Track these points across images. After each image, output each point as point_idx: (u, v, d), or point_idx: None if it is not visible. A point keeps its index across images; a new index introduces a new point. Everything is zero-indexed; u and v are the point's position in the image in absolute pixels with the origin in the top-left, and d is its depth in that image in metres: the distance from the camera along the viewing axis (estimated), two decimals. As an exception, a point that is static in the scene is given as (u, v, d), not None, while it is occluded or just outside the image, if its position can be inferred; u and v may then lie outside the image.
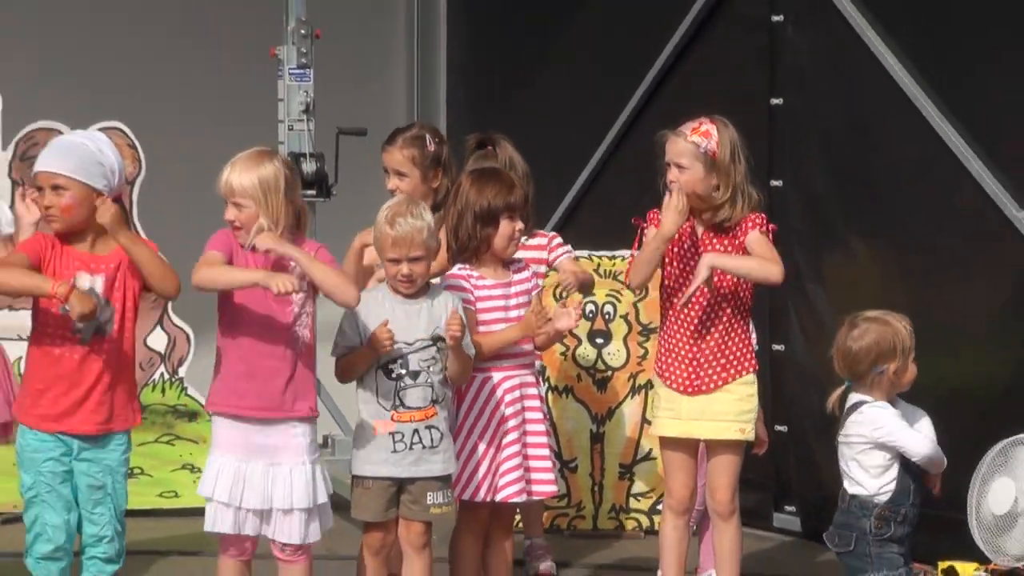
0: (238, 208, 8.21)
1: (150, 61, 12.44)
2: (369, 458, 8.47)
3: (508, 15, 13.07)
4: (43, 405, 8.25)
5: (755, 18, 11.49)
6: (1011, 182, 10.14)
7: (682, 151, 8.94)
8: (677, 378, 9.01)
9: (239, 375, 8.37)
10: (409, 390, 8.38)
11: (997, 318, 9.00)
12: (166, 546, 10.12)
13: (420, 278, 8.35)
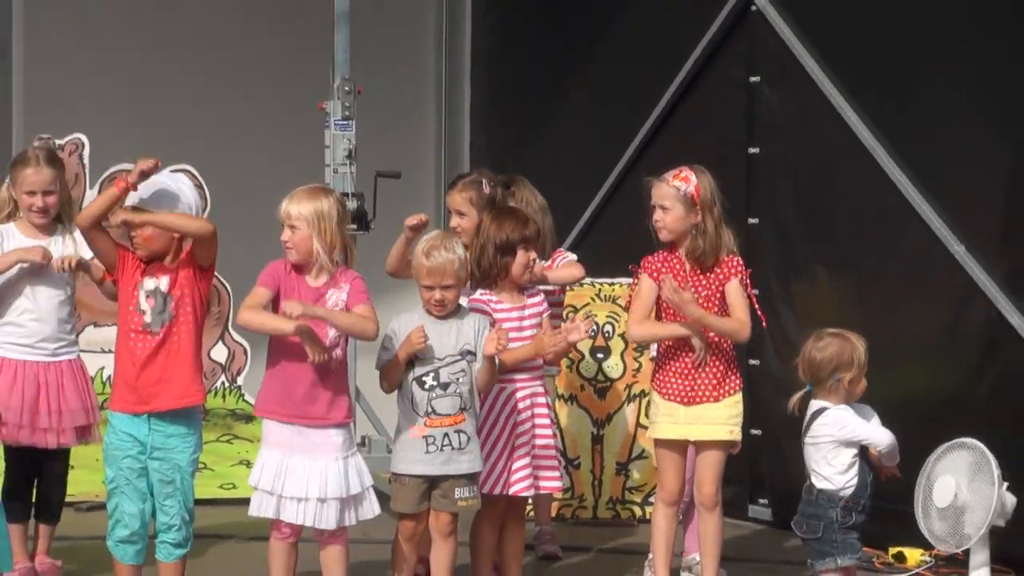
0: (292, 230, 8.34)
1: (216, 112, 12.51)
2: (405, 458, 8.57)
3: (523, 74, 13.10)
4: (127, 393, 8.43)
5: (736, 79, 11.54)
6: (953, 222, 10.19)
7: (665, 194, 9.04)
8: (676, 393, 9.08)
9: (283, 388, 8.52)
10: (440, 399, 8.46)
11: (940, 338, 9.03)
12: (226, 531, 10.25)
13: (451, 303, 8.50)
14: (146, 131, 11.71)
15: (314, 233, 8.32)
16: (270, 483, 8.44)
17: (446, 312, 8.59)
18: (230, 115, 12.51)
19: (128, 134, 11.54)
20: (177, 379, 8.34)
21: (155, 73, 12.63)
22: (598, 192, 12.03)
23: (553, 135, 12.50)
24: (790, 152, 11.28)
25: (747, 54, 11.62)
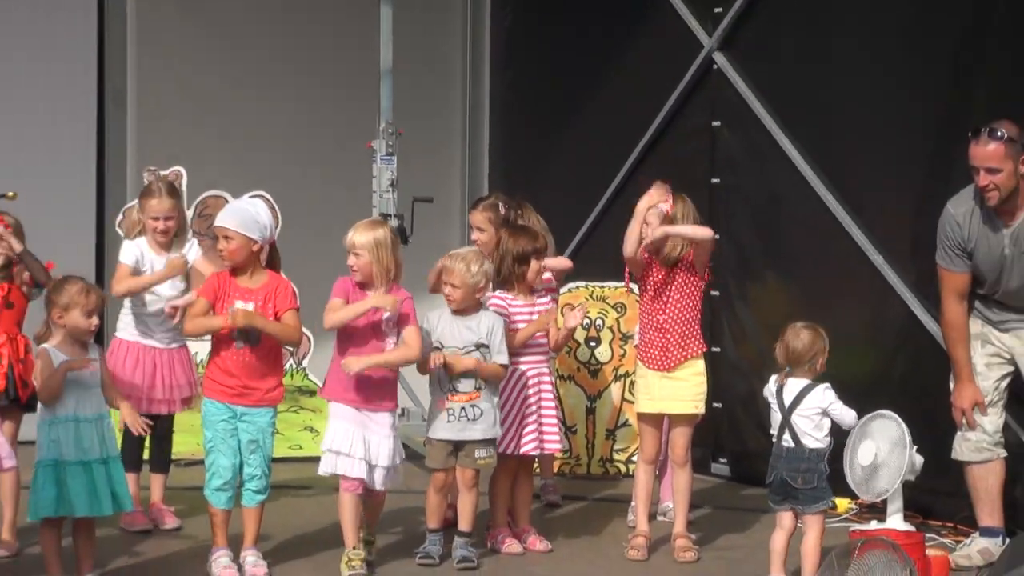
0: (356, 257, 8.52)
1: (287, 149, 12.56)
2: (433, 425, 8.92)
3: (531, 119, 13.12)
4: (220, 387, 8.60)
5: (701, 123, 11.56)
6: (873, 237, 10.21)
7: (648, 216, 9.18)
8: (651, 359, 9.19)
9: (346, 379, 8.69)
10: (460, 380, 8.74)
11: (864, 330, 9.07)
12: (293, 483, 10.40)
13: (458, 301, 8.90)
14: (231, 164, 11.87)
15: (373, 259, 8.53)
16: (340, 447, 8.67)
17: (456, 307, 8.91)
18: (298, 151, 12.54)
19: (217, 166, 11.64)
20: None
21: (239, 117, 12.67)
22: (591, 212, 12.07)
23: (555, 167, 12.55)
24: (744, 182, 11.37)
25: (710, 103, 11.65)
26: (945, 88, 9.85)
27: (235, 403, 8.63)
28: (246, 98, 12.93)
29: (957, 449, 8.99)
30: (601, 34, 12.43)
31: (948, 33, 9.88)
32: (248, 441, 8.63)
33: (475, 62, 13.79)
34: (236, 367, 8.62)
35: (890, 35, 10.27)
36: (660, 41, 11.95)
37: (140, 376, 9.46)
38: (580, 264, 11.15)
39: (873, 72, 10.39)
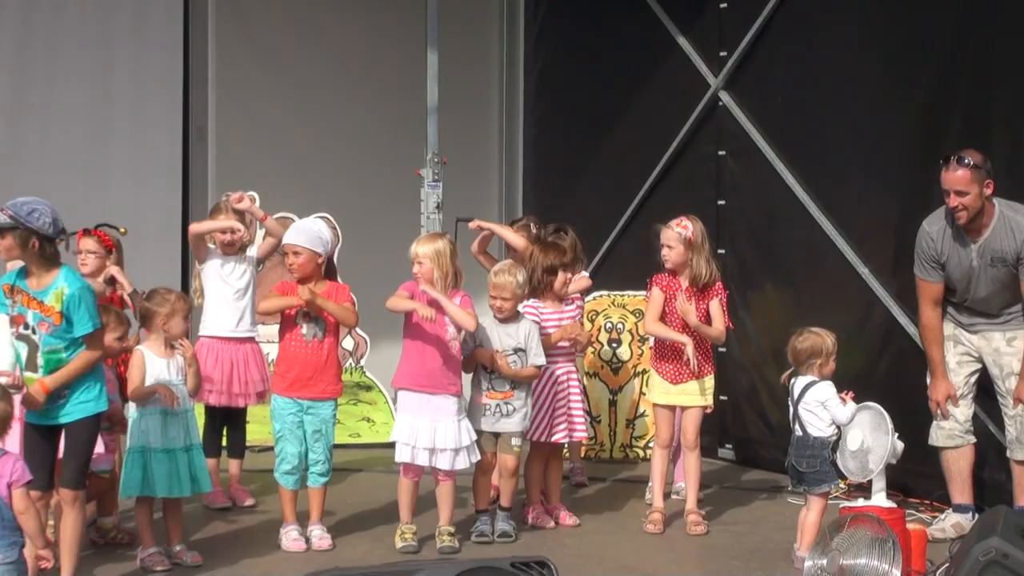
0: (420, 265, 8.59)
1: (346, 176, 12.57)
2: (475, 420, 8.85)
3: (560, 149, 13.16)
4: (288, 382, 8.65)
5: (708, 152, 11.58)
6: (861, 252, 10.22)
7: (670, 237, 9.15)
8: (666, 374, 9.26)
9: (419, 364, 8.77)
10: (497, 380, 8.83)
11: (853, 333, 9.00)
12: (352, 467, 10.43)
13: (507, 311, 8.84)
14: (297, 189, 11.87)
15: (435, 266, 8.59)
16: (405, 438, 8.71)
17: (504, 316, 8.90)
18: (355, 178, 12.58)
19: (284, 191, 11.60)
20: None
21: (304, 148, 12.69)
22: (613, 230, 12.07)
23: (581, 191, 12.55)
24: (746, 204, 11.36)
25: (716, 135, 11.63)
26: (920, 122, 9.86)
27: (301, 397, 8.74)
28: (310, 132, 12.91)
29: (933, 436, 9.02)
30: (621, 74, 12.43)
31: (924, 74, 9.91)
32: (313, 431, 8.78)
33: (510, 99, 13.79)
34: (302, 363, 8.73)
35: (872, 75, 10.28)
36: (673, 81, 11.93)
37: (219, 373, 9.54)
38: (603, 275, 11.23)
39: (858, 107, 10.40)
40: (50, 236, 7.24)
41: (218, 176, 12.68)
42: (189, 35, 13.20)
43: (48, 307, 7.19)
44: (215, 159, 12.96)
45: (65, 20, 12.72)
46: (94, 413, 7.44)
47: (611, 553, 8.84)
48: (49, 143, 12.07)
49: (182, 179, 13.01)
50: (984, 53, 9.46)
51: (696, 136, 11.81)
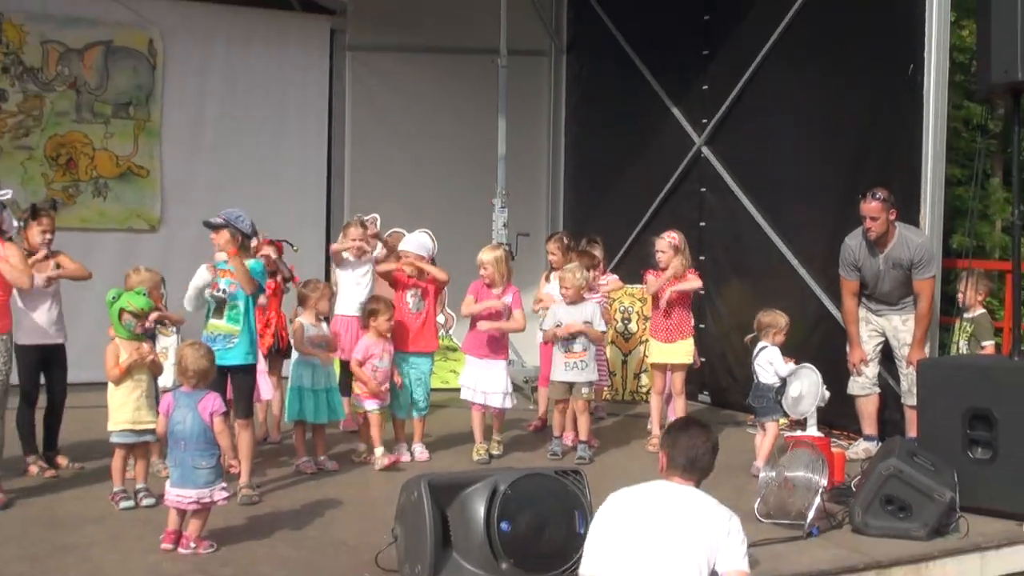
0: (484, 269, 8.74)
1: (439, 203, 12.49)
2: (555, 372, 8.99)
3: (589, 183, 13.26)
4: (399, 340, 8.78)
5: (693, 189, 11.68)
6: (801, 259, 10.35)
7: (663, 245, 9.28)
8: (659, 335, 9.39)
9: (478, 341, 8.89)
10: (574, 343, 8.83)
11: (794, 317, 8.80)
12: (442, 404, 10.39)
13: (573, 296, 8.93)
14: (406, 210, 11.62)
15: (495, 270, 8.74)
16: (470, 384, 8.89)
17: (570, 301, 8.93)
18: (448, 204, 12.57)
19: (396, 212, 11.47)
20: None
21: (412, 184, 12.73)
22: (626, 241, 12.16)
23: (603, 214, 12.60)
24: (719, 226, 11.40)
25: (699, 177, 11.67)
26: (844, 170, 9.88)
27: (407, 351, 8.90)
28: (416, 174, 12.92)
29: (850, 387, 9.16)
30: (633, 133, 12.47)
31: (847, 137, 9.94)
32: (415, 378, 8.90)
33: (554, 151, 13.83)
34: (409, 327, 8.88)
35: (810, 137, 10.32)
36: (669, 138, 11.95)
37: (349, 337, 9.46)
38: (619, 273, 11.11)
39: (800, 158, 10.45)
40: (247, 234, 7.65)
41: (351, 203, 12.83)
42: (332, 108, 13.37)
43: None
44: (349, 192, 13.14)
45: (252, 100, 12.92)
46: (250, 363, 7.68)
47: (622, 464, 8.92)
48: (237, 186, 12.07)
49: (326, 209, 13.18)
50: (886, 124, 9.51)
51: (685, 178, 11.83)
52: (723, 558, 4.65)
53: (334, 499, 7.60)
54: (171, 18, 12.61)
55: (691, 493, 4.90)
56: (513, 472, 6.00)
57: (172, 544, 6.39)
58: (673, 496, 4.86)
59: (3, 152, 11.89)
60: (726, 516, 4.76)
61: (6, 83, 11.93)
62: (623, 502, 4.87)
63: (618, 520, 4.82)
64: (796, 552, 6.64)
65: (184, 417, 6.42)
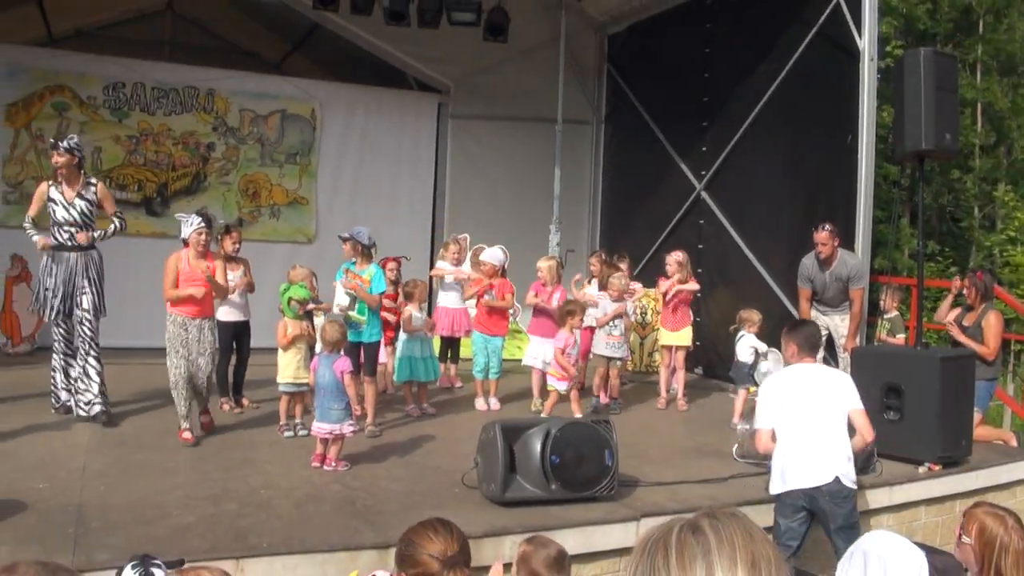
0: (541, 272, 8.77)
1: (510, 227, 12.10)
2: (598, 348, 8.99)
3: (619, 211, 13.12)
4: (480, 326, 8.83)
5: (696, 222, 11.49)
6: (770, 271, 10.18)
7: (671, 261, 9.29)
8: (667, 325, 9.33)
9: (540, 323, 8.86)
10: (613, 329, 8.84)
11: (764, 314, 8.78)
12: (510, 370, 10.01)
13: (617, 296, 8.93)
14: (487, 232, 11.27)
15: (548, 274, 8.71)
16: (532, 355, 8.83)
17: (614, 299, 8.92)
18: (517, 227, 12.25)
19: (482, 234, 11.28)
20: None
21: (490, 214, 12.37)
22: (645, 256, 11.95)
23: (629, 236, 12.42)
24: (712, 247, 11.20)
25: (699, 214, 11.51)
26: (803, 207, 9.80)
27: (486, 333, 8.89)
28: (494, 206, 12.79)
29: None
30: (649, 178, 12.33)
31: (804, 182, 9.89)
32: (492, 351, 8.88)
33: (594, 189, 13.66)
34: (487, 316, 8.88)
35: (780, 184, 10.21)
36: (676, 184, 11.81)
37: (446, 321, 9.51)
38: (641, 280, 11.09)
39: (772, 199, 10.33)
40: (367, 246, 7.66)
41: (450, 224, 12.76)
42: (438, 159, 13.38)
43: (364, 279, 7.59)
44: (449, 216, 13.09)
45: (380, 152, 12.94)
46: (376, 340, 7.71)
47: (637, 418, 8.89)
48: (367, 213, 12.03)
49: (431, 231, 13.18)
50: (832, 177, 9.44)
51: (688, 213, 11.70)
52: (849, 402, 5.51)
53: (432, 435, 7.68)
54: (327, 94, 12.86)
55: (819, 367, 5.85)
56: (561, 420, 6.07)
57: (319, 463, 6.50)
58: (811, 371, 5.65)
59: (211, 186, 12.26)
60: (847, 377, 5.78)
61: (215, 138, 12.32)
62: (780, 381, 5.66)
63: (780, 391, 5.58)
64: (762, 482, 6.58)
65: (324, 373, 6.55)
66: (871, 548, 2.90)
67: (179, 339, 7.14)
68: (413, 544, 2.90)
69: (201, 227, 7.17)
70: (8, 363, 10.05)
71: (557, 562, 3.42)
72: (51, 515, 5.11)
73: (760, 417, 5.62)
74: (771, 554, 1.30)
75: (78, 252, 7.37)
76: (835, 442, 5.40)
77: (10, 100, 11.23)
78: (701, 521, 1.33)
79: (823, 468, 5.33)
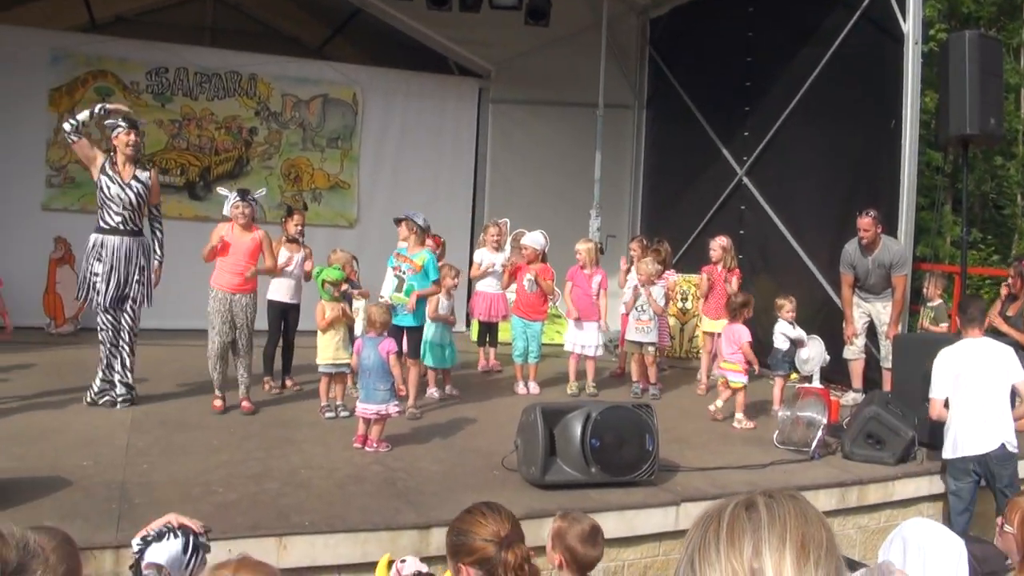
0: (579, 255, 8.80)
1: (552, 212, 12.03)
2: (629, 333, 9.00)
3: (660, 197, 13.10)
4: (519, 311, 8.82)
5: (736, 208, 11.48)
6: (812, 258, 10.13)
7: (715, 246, 9.33)
8: (709, 314, 9.39)
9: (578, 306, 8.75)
10: (641, 314, 8.80)
11: (806, 301, 8.85)
12: (549, 354, 10.02)
13: (646, 280, 8.85)
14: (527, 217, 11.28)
15: (587, 256, 8.68)
16: (570, 339, 8.81)
17: (644, 284, 8.84)
18: (559, 212, 12.13)
19: (522, 219, 11.34)
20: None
21: (532, 197, 12.37)
22: (686, 242, 11.90)
23: (671, 222, 12.30)
24: (754, 233, 11.13)
25: (740, 199, 11.45)
26: (846, 193, 9.71)
27: (525, 318, 8.88)
28: (536, 192, 12.68)
29: (844, 353, 9.02)
30: (691, 164, 12.28)
31: (846, 168, 9.79)
32: (531, 336, 8.87)
33: (635, 174, 13.62)
34: (525, 301, 8.88)
35: (822, 170, 10.14)
36: (718, 169, 11.75)
37: (485, 305, 9.59)
38: (682, 265, 11.05)
39: (814, 185, 10.26)
40: (422, 228, 7.73)
41: (490, 209, 12.72)
42: (478, 144, 13.38)
43: (415, 263, 7.69)
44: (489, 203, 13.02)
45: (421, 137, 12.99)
46: (421, 323, 7.80)
47: (676, 402, 8.87)
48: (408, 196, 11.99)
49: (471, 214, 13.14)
50: (875, 163, 9.37)
51: (730, 198, 11.64)
52: (1014, 374, 6.09)
53: (473, 418, 7.70)
54: (369, 79, 12.87)
55: (988, 340, 6.35)
56: (601, 404, 6.07)
57: (360, 444, 6.55)
58: (980, 345, 6.26)
59: (254, 170, 12.29)
60: (1011, 350, 6.25)
61: (257, 123, 12.37)
62: (952, 354, 6.27)
63: (953, 364, 6.21)
64: (803, 470, 6.66)
65: (369, 354, 6.58)
66: (910, 535, 2.90)
67: (219, 314, 7.30)
68: (464, 532, 2.88)
69: (237, 201, 7.32)
70: (51, 343, 10.13)
71: (591, 536, 3.45)
72: (95, 492, 5.19)
73: (935, 387, 6.27)
74: (823, 537, 1.29)
75: (131, 237, 7.28)
76: (1001, 411, 6.08)
77: (54, 85, 11.30)
78: (757, 499, 1.33)
79: (991, 436, 6.06)
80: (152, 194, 7.37)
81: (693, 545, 1.31)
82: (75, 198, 11.21)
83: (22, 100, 11.10)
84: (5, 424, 6.56)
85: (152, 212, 7.45)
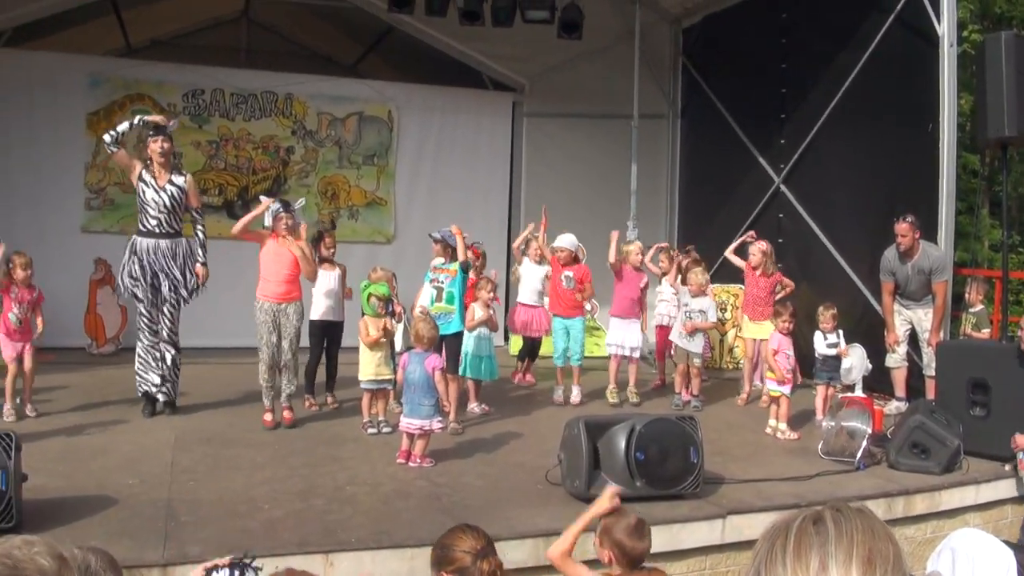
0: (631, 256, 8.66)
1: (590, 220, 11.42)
2: (679, 341, 8.91)
3: (696, 207, 13.06)
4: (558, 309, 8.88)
5: (775, 216, 11.41)
6: (852, 265, 10.08)
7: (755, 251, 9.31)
8: (751, 315, 9.26)
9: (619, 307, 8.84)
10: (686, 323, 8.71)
11: (846, 307, 8.76)
12: (590, 356, 9.90)
13: (696, 293, 8.83)
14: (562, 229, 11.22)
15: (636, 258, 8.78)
16: (613, 339, 8.93)
17: (694, 294, 8.81)
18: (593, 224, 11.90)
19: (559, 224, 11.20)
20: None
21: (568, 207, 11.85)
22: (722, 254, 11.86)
23: (707, 230, 12.21)
24: (792, 242, 11.04)
25: (778, 207, 11.38)
26: (884, 199, 9.59)
27: (564, 316, 8.88)
28: (571, 201, 12.38)
29: (887, 361, 8.92)
30: (727, 173, 12.22)
31: (885, 175, 9.68)
32: (572, 335, 8.87)
33: (671, 185, 13.56)
34: (564, 300, 8.87)
35: (860, 176, 10.05)
36: (756, 179, 11.69)
37: (525, 318, 9.60)
38: (720, 275, 10.89)
39: (852, 191, 10.18)
40: (453, 246, 7.83)
41: (525, 217, 12.43)
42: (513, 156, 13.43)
43: (450, 271, 7.86)
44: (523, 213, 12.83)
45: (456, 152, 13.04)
46: (458, 331, 7.88)
47: (716, 413, 8.84)
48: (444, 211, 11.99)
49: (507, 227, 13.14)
50: (913, 167, 9.28)
51: (767, 207, 11.57)
52: None
53: (516, 432, 7.71)
54: (403, 96, 12.98)
55: None
56: (646, 416, 6.05)
57: (404, 459, 6.59)
58: None
59: (291, 188, 12.36)
60: None
61: (294, 141, 12.55)
62: None
63: None
64: (848, 480, 6.61)
65: (415, 369, 6.61)
66: (959, 546, 2.88)
67: (265, 325, 7.46)
68: (446, 547, 3.33)
69: (279, 212, 7.54)
70: (93, 363, 10.25)
71: (637, 529, 3.69)
72: (142, 510, 5.24)
73: None
74: (891, 552, 1.30)
75: (166, 239, 7.56)
76: None
77: (91, 109, 11.49)
78: (824, 513, 1.34)
79: None
80: (189, 196, 7.67)
81: (760, 558, 1.33)
82: (114, 220, 11.41)
83: (61, 124, 11.31)
84: (51, 444, 6.63)
85: (193, 215, 7.76)
